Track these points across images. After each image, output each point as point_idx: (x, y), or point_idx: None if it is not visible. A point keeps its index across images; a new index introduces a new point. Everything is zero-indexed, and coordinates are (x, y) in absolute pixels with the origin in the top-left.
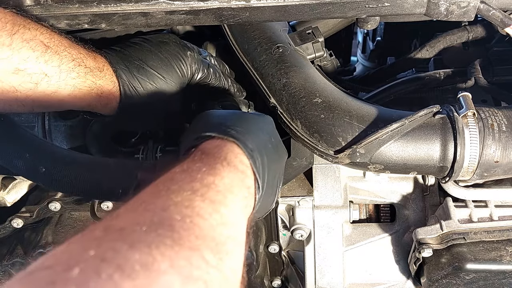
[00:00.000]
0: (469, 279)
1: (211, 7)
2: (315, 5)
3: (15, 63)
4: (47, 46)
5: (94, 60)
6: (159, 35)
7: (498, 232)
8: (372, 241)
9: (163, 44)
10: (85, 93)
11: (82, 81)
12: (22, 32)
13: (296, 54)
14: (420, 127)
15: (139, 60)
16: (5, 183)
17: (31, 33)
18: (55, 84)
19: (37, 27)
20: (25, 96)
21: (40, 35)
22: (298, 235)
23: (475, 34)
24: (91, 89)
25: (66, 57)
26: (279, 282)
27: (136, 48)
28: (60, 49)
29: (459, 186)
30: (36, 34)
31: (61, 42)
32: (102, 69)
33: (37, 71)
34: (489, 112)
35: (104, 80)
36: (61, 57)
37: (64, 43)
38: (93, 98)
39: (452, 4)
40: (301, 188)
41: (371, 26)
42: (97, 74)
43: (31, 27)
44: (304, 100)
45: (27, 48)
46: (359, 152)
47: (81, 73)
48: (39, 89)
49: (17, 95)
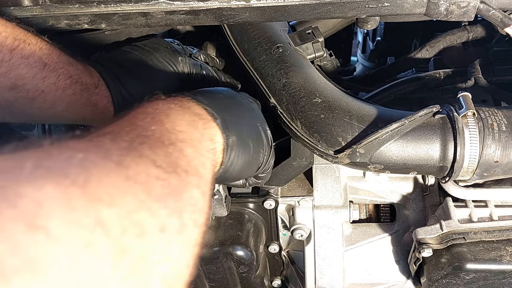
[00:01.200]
0: (469, 279)
1: (211, 7)
2: (315, 5)
3: (13, 79)
4: (45, 63)
5: (90, 76)
6: (150, 41)
7: (498, 232)
8: (372, 241)
9: (154, 50)
10: (80, 109)
11: (77, 98)
12: (22, 47)
13: (296, 54)
14: (420, 127)
15: (131, 71)
16: None
17: (30, 49)
18: (51, 100)
19: (37, 41)
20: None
21: (39, 51)
22: (298, 235)
23: (475, 34)
24: (86, 105)
25: (63, 74)
26: (279, 282)
27: (128, 58)
28: (58, 66)
29: (459, 186)
30: (35, 50)
31: (59, 58)
32: (97, 85)
33: (34, 87)
34: (489, 112)
35: (99, 96)
36: (58, 74)
37: (63, 59)
38: (88, 114)
39: (452, 4)
40: (301, 188)
41: (371, 26)
42: (92, 91)
43: (31, 42)
44: (304, 100)
45: (25, 65)
46: (359, 152)
47: (77, 90)
48: (35, 105)
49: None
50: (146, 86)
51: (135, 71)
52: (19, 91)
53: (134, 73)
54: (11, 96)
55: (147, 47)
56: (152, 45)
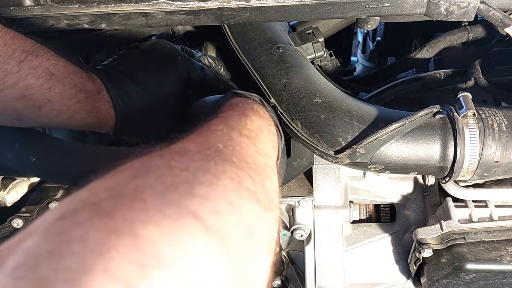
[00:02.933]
0: (469, 279)
1: (211, 7)
2: (315, 5)
3: (21, 89)
4: (52, 73)
5: (93, 83)
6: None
7: (498, 232)
8: (372, 241)
9: (154, 52)
10: (85, 116)
11: (82, 106)
12: (30, 59)
13: (296, 54)
14: (420, 127)
15: (130, 75)
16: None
17: (38, 60)
18: (57, 109)
19: (44, 52)
20: (27, 118)
21: (46, 61)
22: (298, 235)
23: (475, 34)
24: (91, 113)
25: (69, 84)
26: (279, 282)
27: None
28: (64, 75)
29: (459, 186)
30: (42, 61)
31: (65, 68)
32: (99, 91)
33: (41, 97)
34: (489, 112)
35: (101, 102)
36: (64, 83)
37: (68, 69)
38: (92, 120)
39: (452, 4)
40: (301, 188)
41: (371, 26)
42: (95, 97)
43: (39, 53)
44: (304, 100)
45: (33, 75)
46: (359, 152)
47: (82, 98)
48: (42, 113)
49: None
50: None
51: (134, 75)
52: (27, 101)
53: (133, 77)
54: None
55: (147, 49)
56: (153, 46)
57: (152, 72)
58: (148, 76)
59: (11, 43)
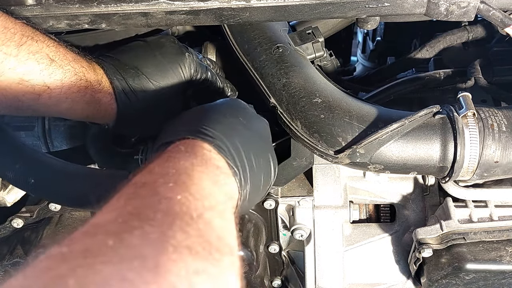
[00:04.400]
0: (469, 279)
1: (211, 7)
2: (315, 5)
3: (20, 73)
4: (52, 59)
5: (94, 73)
6: (157, 37)
7: (498, 232)
8: (372, 241)
9: (160, 47)
10: (84, 106)
11: (82, 95)
12: (30, 44)
13: (296, 54)
14: (420, 127)
15: (135, 68)
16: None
17: (37, 46)
18: (56, 97)
19: (44, 39)
20: (27, 106)
21: (46, 47)
22: (298, 235)
23: (475, 34)
24: (90, 103)
25: (69, 71)
26: (279, 282)
27: (132, 54)
28: (64, 63)
29: (459, 186)
30: (42, 47)
31: (65, 56)
32: (101, 82)
33: (40, 83)
34: (489, 112)
35: (102, 93)
36: (64, 71)
37: (69, 57)
38: (92, 110)
39: (452, 4)
40: (301, 188)
41: (371, 26)
42: (96, 88)
43: (39, 39)
44: (304, 100)
45: (32, 60)
46: (359, 152)
47: (82, 87)
48: (41, 101)
49: (19, 105)
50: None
51: (138, 68)
52: (26, 86)
53: (137, 70)
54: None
55: (152, 43)
56: (159, 41)
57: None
58: (153, 70)
59: (11, 27)
